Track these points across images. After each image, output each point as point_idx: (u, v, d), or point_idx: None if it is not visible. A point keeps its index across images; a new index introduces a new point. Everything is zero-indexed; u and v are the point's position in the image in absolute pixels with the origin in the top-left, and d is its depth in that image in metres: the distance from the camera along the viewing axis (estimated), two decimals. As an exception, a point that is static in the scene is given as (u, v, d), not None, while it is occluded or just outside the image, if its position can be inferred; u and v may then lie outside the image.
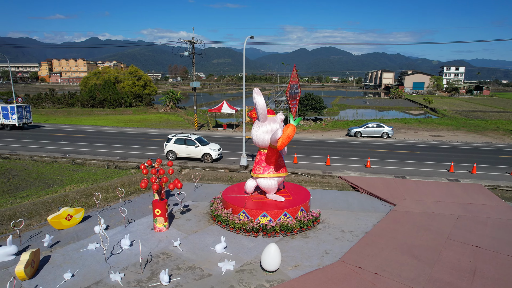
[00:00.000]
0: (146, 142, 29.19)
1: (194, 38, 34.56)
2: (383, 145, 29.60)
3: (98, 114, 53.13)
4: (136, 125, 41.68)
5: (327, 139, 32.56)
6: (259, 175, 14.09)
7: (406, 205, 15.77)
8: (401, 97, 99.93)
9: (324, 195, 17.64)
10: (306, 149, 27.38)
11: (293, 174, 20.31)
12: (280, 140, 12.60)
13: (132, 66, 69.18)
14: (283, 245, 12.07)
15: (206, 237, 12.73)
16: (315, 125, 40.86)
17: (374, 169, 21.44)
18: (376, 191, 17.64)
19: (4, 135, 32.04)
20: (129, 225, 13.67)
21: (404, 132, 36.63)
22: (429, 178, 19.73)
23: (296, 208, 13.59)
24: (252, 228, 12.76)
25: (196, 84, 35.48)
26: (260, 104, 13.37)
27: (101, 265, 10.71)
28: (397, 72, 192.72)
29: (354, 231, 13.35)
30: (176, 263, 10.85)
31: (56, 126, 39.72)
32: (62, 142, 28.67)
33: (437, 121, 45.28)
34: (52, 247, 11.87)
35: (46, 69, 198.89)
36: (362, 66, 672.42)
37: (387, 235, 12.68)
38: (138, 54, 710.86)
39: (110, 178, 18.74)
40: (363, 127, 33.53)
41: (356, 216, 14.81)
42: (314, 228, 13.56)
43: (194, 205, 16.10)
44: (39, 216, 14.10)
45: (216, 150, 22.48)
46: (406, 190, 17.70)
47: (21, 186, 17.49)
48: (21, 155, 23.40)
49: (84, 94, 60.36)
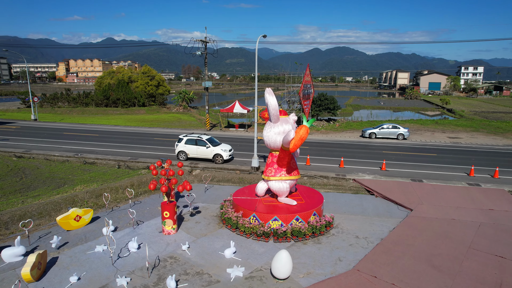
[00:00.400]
0: (158, 142, 29.14)
1: (206, 37, 34.37)
2: (398, 147, 28.76)
3: (111, 114, 53.64)
4: (149, 124, 41.81)
5: (340, 140, 31.88)
6: (271, 178, 13.68)
7: (424, 211, 15.09)
8: (416, 97, 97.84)
9: (337, 198, 17.09)
10: (319, 151, 26.81)
11: (306, 176, 19.81)
12: (293, 142, 12.17)
13: (145, 66, 69.68)
14: (294, 251, 11.63)
15: (215, 241, 12.39)
16: (328, 126, 40.16)
17: (389, 172, 20.74)
18: (392, 195, 16.99)
19: (20, 134, 32.54)
20: (137, 227, 13.45)
21: (420, 134, 35.59)
22: (447, 182, 18.94)
23: (309, 212, 13.12)
24: (262, 232, 12.36)
25: (208, 83, 35.28)
26: (272, 105, 12.96)
27: (107, 268, 10.49)
28: (412, 72, 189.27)
29: (369, 237, 12.80)
30: (184, 268, 10.54)
31: (70, 125, 40.20)
32: (75, 141, 28.89)
33: (454, 122, 43.91)
34: (60, 248, 11.74)
35: (63, 69, 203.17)
36: (376, 66, 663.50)
37: (404, 242, 12.09)
38: (153, 54, 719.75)
39: (121, 178, 18.64)
40: (378, 128, 32.70)
41: (371, 221, 14.24)
42: (327, 234, 13.07)
43: (204, 207, 15.80)
44: (48, 216, 14.04)
45: (227, 151, 22.16)
46: (423, 195, 17.00)
47: (33, 185, 17.54)
48: (34, 154, 23.60)
49: (98, 94, 61.06)
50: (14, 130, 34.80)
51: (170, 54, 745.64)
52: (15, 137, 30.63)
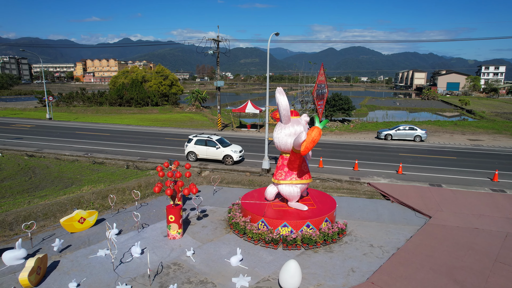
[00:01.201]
0: (169, 142, 28.87)
1: (219, 36, 33.96)
2: (416, 149, 27.63)
3: (125, 113, 53.95)
4: (161, 124, 41.73)
5: (355, 142, 30.92)
6: (281, 181, 13.06)
7: (444, 218, 14.18)
8: (433, 98, 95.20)
9: (351, 203, 16.32)
10: (333, 153, 25.98)
11: (318, 179, 19.09)
12: (304, 144, 11.51)
13: (159, 65, 70.02)
14: (304, 260, 10.97)
15: (221, 247, 11.85)
16: (342, 127, 39.18)
17: (406, 176, 19.79)
18: (409, 200, 16.11)
19: (34, 132, 32.86)
20: (142, 231, 13.04)
21: (438, 136, 34.25)
22: (468, 188, 17.89)
23: (320, 218, 12.43)
24: (271, 239, 11.74)
25: (220, 83, 34.86)
26: (283, 105, 12.34)
27: (109, 274, 10.08)
28: (429, 72, 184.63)
29: (384, 246, 12.02)
30: (187, 276, 10.03)
31: (84, 124, 40.49)
32: (87, 141, 28.90)
33: (475, 123, 42.18)
34: (62, 251, 11.42)
35: (80, 69, 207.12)
36: (392, 66, 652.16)
37: (423, 253, 11.27)
38: (168, 54, 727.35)
39: (129, 179, 18.34)
40: (394, 129, 31.59)
41: (386, 229, 13.43)
42: (340, 241, 12.35)
43: (212, 210, 15.30)
44: (54, 217, 13.79)
45: (238, 152, 21.63)
46: (443, 200, 16.04)
47: (41, 185, 17.41)
48: (45, 153, 23.63)
49: (112, 93, 61.60)
50: (29, 129, 35.21)
51: (185, 54, 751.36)
52: (29, 136, 30.92)
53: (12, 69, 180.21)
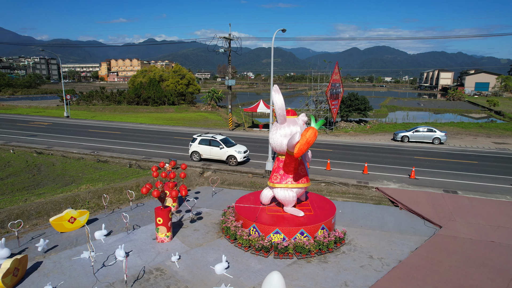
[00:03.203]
0: (176, 141, 28.64)
1: (230, 35, 33.51)
2: (433, 152, 26.06)
3: (141, 112, 54.55)
4: (174, 123, 41.75)
5: (369, 144, 29.61)
6: (276, 185, 12.34)
7: (456, 228, 12.99)
8: (459, 98, 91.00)
9: (355, 209, 15.34)
10: (343, 154, 24.89)
11: (324, 182, 18.18)
12: (298, 146, 10.75)
13: (176, 64, 70.53)
14: (295, 271, 10.20)
15: (210, 252, 11.26)
16: (358, 128, 37.79)
17: (419, 181, 18.52)
18: (419, 207, 14.95)
19: (49, 130, 33.54)
20: (132, 232, 12.65)
21: (460, 138, 32.32)
22: (488, 196, 16.45)
23: (316, 226, 11.60)
24: (261, 246, 11.04)
25: (231, 82, 34.40)
26: (277, 104, 11.63)
27: (88, 278, 9.71)
28: (457, 72, 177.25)
29: (385, 258, 11.05)
30: (167, 284, 9.49)
31: (98, 122, 41.08)
32: (96, 139, 29.13)
33: (503, 126, 39.60)
34: (47, 251, 11.18)
35: (105, 69, 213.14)
36: (418, 66, 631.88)
37: (427, 267, 10.24)
38: (191, 54, 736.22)
39: (129, 178, 18.09)
40: (411, 131, 30.02)
41: (390, 239, 12.42)
42: (337, 251, 11.48)
43: (207, 213, 14.75)
44: (47, 215, 13.65)
45: (242, 152, 21.00)
46: (457, 209, 14.79)
47: (43, 182, 17.44)
48: (54, 151, 23.88)
49: (130, 92, 62.52)
50: (46, 127, 36.01)
51: (208, 54, 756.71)
52: (43, 133, 31.55)
53: (42, 69, 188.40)
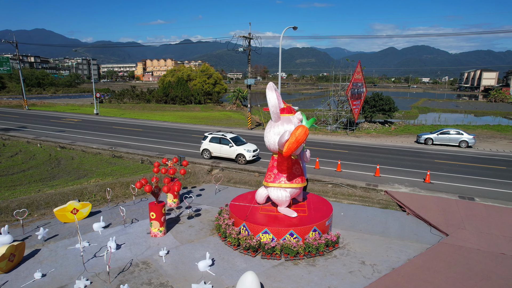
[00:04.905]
0: (193, 139, 29.09)
1: (250, 34, 33.54)
2: (457, 156, 24.52)
3: (168, 110, 56.06)
4: (197, 121, 42.46)
5: (388, 146, 28.42)
6: (269, 184, 12.17)
7: (463, 237, 12.13)
8: (502, 100, 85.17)
9: (359, 212, 14.78)
10: (359, 156, 24.07)
11: (331, 184, 17.68)
12: (287, 144, 10.51)
13: (204, 64, 71.83)
14: (279, 272, 9.99)
15: (198, 249, 11.31)
16: (381, 129, 36.43)
17: (433, 185, 17.49)
18: (427, 213, 14.12)
19: (77, 126, 35.35)
20: (128, 226, 13.00)
21: (492, 142, 30.18)
22: (509, 204, 15.20)
23: (307, 227, 11.28)
24: (249, 246, 10.91)
25: (251, 81, 34.44)
26: (271, 101, 11.47)
27: (77, 267, 10.09)
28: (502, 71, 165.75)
29: (378, 264, 10.53)
30: (149, 277, 9.64)
31: (124, 120, 42.67)
32: (118, 135, 30.25)
33: (544, 130, 36.49)
34: (47, 240, 11.76)
35: (141, 69, 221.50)
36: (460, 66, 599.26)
37: (421, 277, 9.63)
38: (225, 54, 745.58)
39: (138, 173, 18.62)
40: (436, 133, 28.44)
41: (388, 245, 11.83)
42: (328, 254, 11.10)
43: (207, 210, 14.84)
44: (54, 206, 14.34)
45: (252, 151, 20.93)
46: (470, 216, 13.79)
47: (58, 175, 18.37)
48: (76, 145, 25.11)
49: (159, 91, 64.47)
50: (75, 123, 37.97)
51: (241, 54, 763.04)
52: (71, 129, 33.28)
53: (84, 69, 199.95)
